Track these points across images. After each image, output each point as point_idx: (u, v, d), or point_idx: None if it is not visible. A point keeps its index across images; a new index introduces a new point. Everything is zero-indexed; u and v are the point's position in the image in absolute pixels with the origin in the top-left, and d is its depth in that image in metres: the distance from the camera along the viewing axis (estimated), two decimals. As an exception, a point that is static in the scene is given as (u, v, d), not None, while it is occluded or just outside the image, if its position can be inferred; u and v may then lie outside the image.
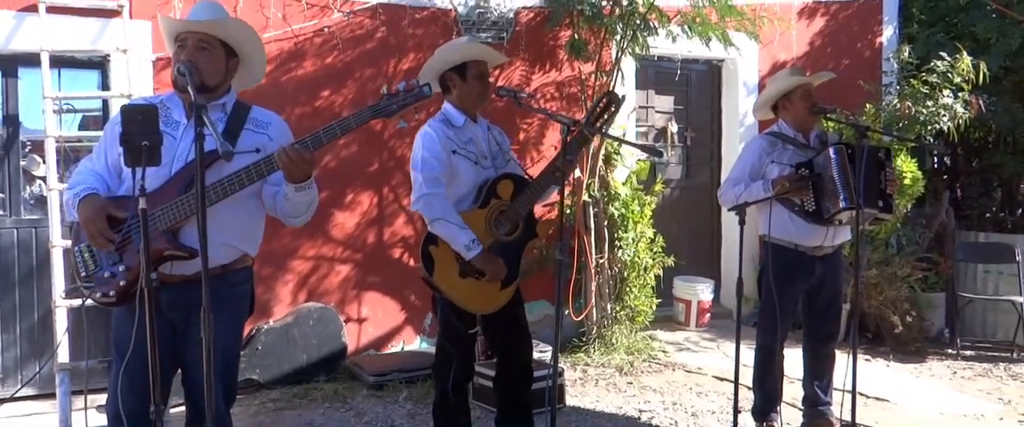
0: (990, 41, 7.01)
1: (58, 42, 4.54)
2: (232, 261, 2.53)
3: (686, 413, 4.51)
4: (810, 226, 3.75)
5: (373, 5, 5.42)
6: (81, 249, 2.37)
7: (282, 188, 2.48)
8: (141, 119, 1.99)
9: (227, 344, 2.51)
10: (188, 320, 2.28)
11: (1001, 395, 4.98)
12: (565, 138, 3.01)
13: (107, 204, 2.29)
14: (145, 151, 1.96)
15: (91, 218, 2.30)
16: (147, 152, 1.97)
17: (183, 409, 2.60)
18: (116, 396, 2.26)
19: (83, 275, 2.35)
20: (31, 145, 4.78)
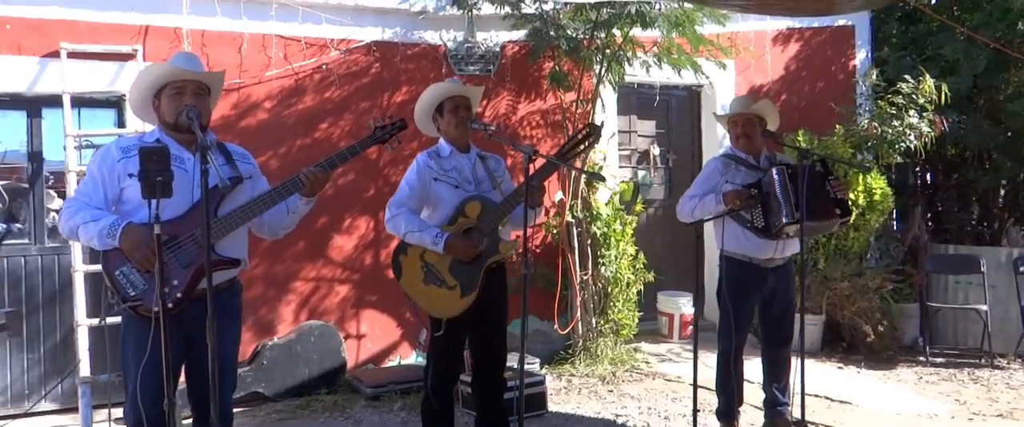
0: (958, 63, 7.38)
1: (78, 84, 4.98)
2: (238, 274, 2.94)
3: (660, 417, 4.85)
4: (761, 240, 4.11)
5: (368, 43, 5.84)
6: (124, 272, 2.72)
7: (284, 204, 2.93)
8: (156, 159, 2.39)
9: (233, 347, 2.95)
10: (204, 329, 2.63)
11: (959, 397, 5.30)
12: (526, 166, 3.38)
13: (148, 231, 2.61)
14: (159, 185, 2.36)
15: (138, 243, 2.66)
16: (160, 186, 2.37)
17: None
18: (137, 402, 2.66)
19: (133, 294, 2.71)
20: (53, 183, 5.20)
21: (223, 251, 2.83)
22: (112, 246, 2.69)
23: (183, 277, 2.70)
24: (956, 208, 8.66)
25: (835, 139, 6.77)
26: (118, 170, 2.80)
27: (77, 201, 2.85)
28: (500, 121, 6.20)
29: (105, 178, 2.81)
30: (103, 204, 2.81)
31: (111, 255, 2.71)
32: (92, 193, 2.83)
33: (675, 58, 6.01)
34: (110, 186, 2.81)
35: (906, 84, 6.63)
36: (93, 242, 2.73)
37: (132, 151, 2.76)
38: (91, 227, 2.72)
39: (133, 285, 2.69)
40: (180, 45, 5.29)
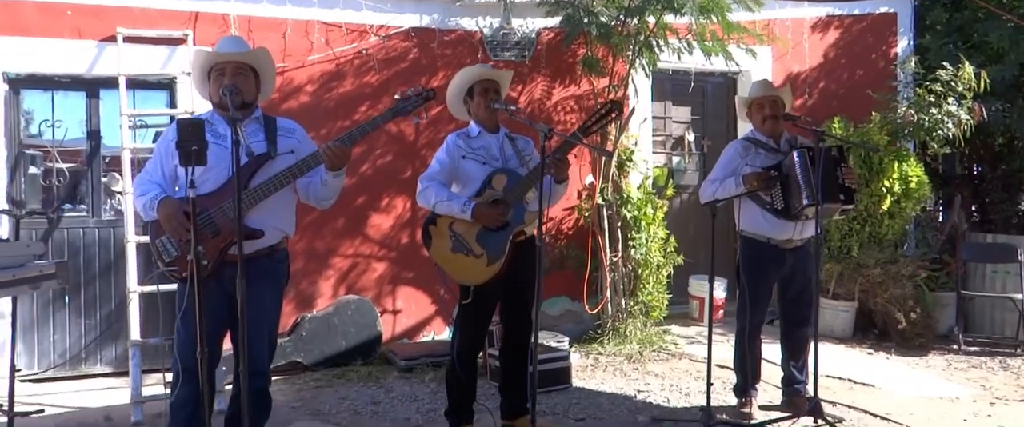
0: (1004, 50, 7.27)
1: (133, 67, 5.29)
2: (278, 242, 3.17)
3: (680, 393, 4.97)
4: (780, 221, 4.20)
5: (406, 29, 6.05)
6: (162, 241, 2.98)
7: (318, 176, 3.13)
8: (191, 130, 2.61)
9: (270, 312, 3.17)
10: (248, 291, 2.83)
11: (984, 383, 5.29)
12: (543, 142, 3.54)
13: (181, 204, 2.88)
14: (194, 154, 2.58)
15: (171, 216, 2.92)
16: (195, 154, 2.59)
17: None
18: (175, 354, 2.91)
19: (168, 261, 2.97)
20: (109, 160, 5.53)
21: (252, 222, 3.02)
22: (153, 217, 2.94)
23: (211, 245, 2.92)
24: (1002, 198, 8.54)
25: (871, 126, 6.76)
26: (172, 148, 3.04)
27: (142, 178, 3.15)
28: (535, 106, 6.35)
29: (163, 156, 3.09)
30: (163, 180, 3.09)
31: (154, 225, 2.97)
32: (153, 171, 3.14)
33: (706, 45, 6.08)
34: (167, 163, 3.09)
35: (944, 71, 6.58)
36: (143, 213, 3.00)
37: None
38: (140, 201, 3.02)
39: (168, 252, 2.94)
40: (228, 30, 5.56)
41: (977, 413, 4.60)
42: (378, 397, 4.90)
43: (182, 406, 2.97)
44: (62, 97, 5.45)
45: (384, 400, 4.84)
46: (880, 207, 6.66)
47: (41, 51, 5.19)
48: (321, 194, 3.26)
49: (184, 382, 2.91)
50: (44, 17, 5.21)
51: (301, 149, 3.25)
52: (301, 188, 3.27)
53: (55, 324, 5.34)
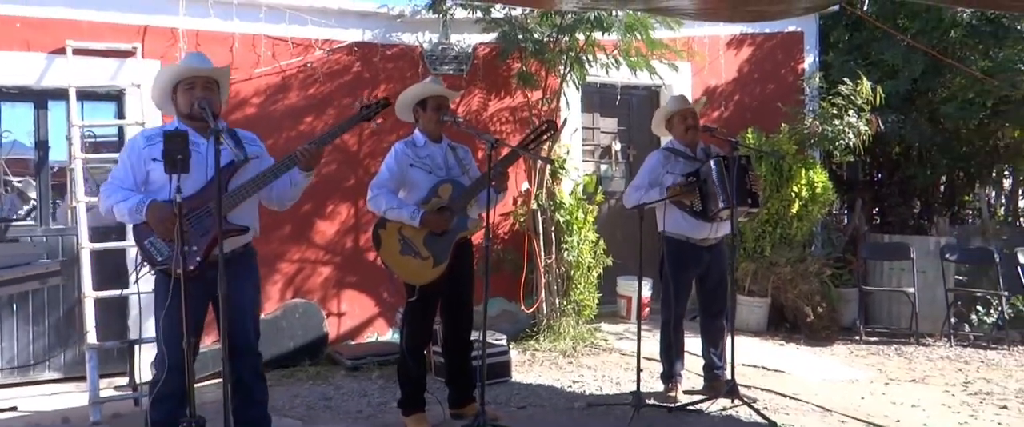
0: (898, 67, 8.00)
1: (82, 79, 5.42)
2: (251, 240, 3.44)
3: (612, 383, 5.39)
4: (698, 222, 4.66)
5: (349, 44, 6.33)
6: (152, 242, 3.21)
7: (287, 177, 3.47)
8: (177, 140, 2.88)
9: (254, 299, 3.51)
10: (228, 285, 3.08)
11: (881, 367, 5.89)
12: (490, 154, 3.90)
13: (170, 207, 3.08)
14: (179, 162, 2.85)
15: (161, 219, 3.14)
16: (180, 163, 2.86)
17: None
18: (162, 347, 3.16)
19: (160, 260, 3.20)
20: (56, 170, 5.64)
21: (234, 220, 3.32)
22: (140, 221, 3.18)
23: (201, 243, 3.19)
24: (899, 202, 9.31)
25: (781, 136, 7.36)
26: (144, 156, 3.30)
27: (111, 184, 3.35)
28: (472, 117, 6.70)
29: (134, 163, 3.31)
30: (133, 186, 3.30)
31: (140, 228, 3.21)
32: (124, 177, 3.33)
33: (632, 60, 6.55)
34: (138, 170, 3.31)
35: (845, 86, 7.23)
36: (125, 218, 3.23)
37: (156, 139, 3.28)
38: (122, 206, 3.22)
39: (159, 251, 3.18)
40: (176, 44, 5.75)
41: (873, 392, 5.17)
42: (329, 394, 5.16)
43: (166, 399, 3.20)
44: (9, 108, 5.53)
45: (335, 396, 5.11)
46: (790, 210, 7.26)
47: (-11, 63, 5.29)
48: (288, 195, 3.59)
49: (169, 373, 3.16)
50: (-8, 29, 5.31)
51: (263, 156, 3.56)
52: (267, 190, 3.55)
53: (3, 332, 5.41)
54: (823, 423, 4.46)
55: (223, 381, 3.06)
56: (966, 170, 9.12)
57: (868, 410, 4.70)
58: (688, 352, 5.19)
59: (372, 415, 4.68)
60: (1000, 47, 7.92)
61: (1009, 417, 4.62)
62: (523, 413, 4.68)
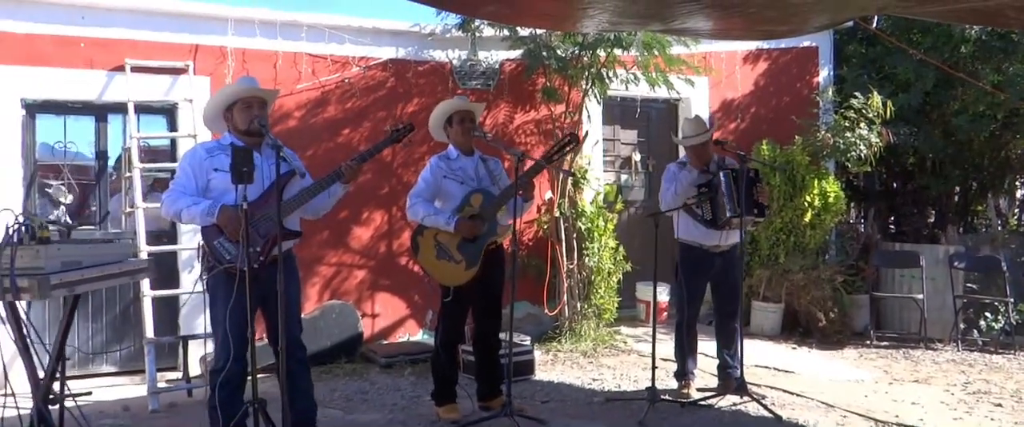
0: (910, 81, 8.27)
1: (139, 94, 5.87)
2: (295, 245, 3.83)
3: (630, 381, 5.72)
4: (708, 230, 5.00)
5: (384, 61, 6.74)
6: (220, 242, 3.59)
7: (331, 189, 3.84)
8: (244, 155, 3.28)
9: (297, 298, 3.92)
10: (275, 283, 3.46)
11: (887, 369, 6.17)
12: (517, 166, 4.27)
13: (238, 211, 3.47)
14: (245, 174, 3.25)
15: (229, 220, 3.53)
16: (247, 174, 3.25)
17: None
18: (227, 337, 3.55)
19: (228, 258, 3.57)
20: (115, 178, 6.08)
21: (289, 225, 3.70)
22: (210, 222, 3.58)
23: (262, 244, 3.58)
24: (913, 211, 9.56)
25: (795, 148, 7.66)
26: (206, 165, 3.69)
27: (175, 191, 3.73)
28: (499, 129, 7.08)
29: (196, 171, 3.71)
30: (195, 192, 3.70)
31: (210, 229, 3.61)
32: (186, 184, 3.72)
33: (651, 76, 6.90)
34: (200, 178, 3.70)
35: (856, 100, 7.52)
36: (195, 220, 3.63)
37: (215, 151, 3.69)
38: (193, 209, 3.61)
39: (227, 251, 3.58)
40: (225, 62, 6.19)
41: (876, 391, 5.46)
42: (365, 388, 5.55)
43: (228, 382, 3.58)
44: (73, 121, 5.99)
45: (371, 390, 5.49)
46: (803, 219, 7.56)
47: (55, 79, 5.74)
48: (324, 205, 3.97)
49: (234, 361, 3.55)
50: (59, 49, 5.77)
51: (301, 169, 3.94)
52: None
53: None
54: (826, 418, 4.77)
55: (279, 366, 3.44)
56: (979, 181, 9.36)
57: (869, 406, 5.00)
58: (703, 353, 5.52)
59: (406, 407, 5.05)
60: (1010, 61, 8.16)
61: (1002, 414, 4.90)
62: (546, 406, 5.03)
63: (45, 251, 2.77)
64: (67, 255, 2.93)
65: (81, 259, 3.01)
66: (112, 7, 5.92)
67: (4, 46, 5.58)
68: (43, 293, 2.69)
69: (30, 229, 2.77)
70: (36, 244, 2.77)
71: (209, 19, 6.17)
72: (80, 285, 2.97)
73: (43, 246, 2.78)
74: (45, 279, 2.70)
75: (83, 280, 2.97)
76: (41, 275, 2.71)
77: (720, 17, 4.84)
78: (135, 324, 5.86)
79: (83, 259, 3.02)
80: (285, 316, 3.38)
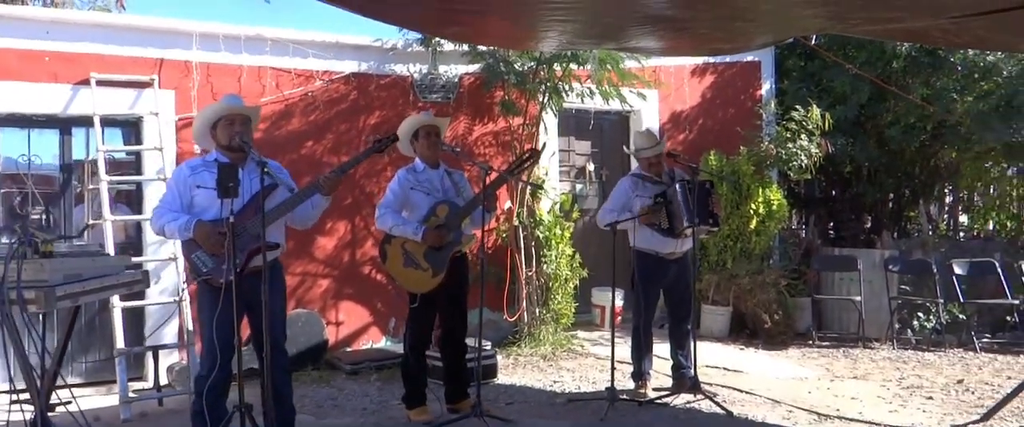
0: (846, 94, 8.75)
1: (104, 107, 5.93)
2: (279, 255, 3.99)
3: (589, 382, 5.99)
4: (665, 238, 5.29)
5: (347, 74, 6.90)
6: (198, 255, 3.74)
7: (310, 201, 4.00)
8: (228, 171, 3.44)
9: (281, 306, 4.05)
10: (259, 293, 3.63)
11: (829, 367, 6.56)
12: (483, 178, 4.50)
13: (213, 225, 3.67)
14: (231, 189, 3.41)
15: (208, 234, 3.69)
16: (232, 189, 3.42)
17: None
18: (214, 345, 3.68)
19: (205, 271, 3.73)
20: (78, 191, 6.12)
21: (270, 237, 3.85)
22: (188, 237, 3.73)
23: (241, 257, 3.74)
24: (851, 217, 10.07)
25: (740, 158, 8.05)
26: (189, 183, 3.84)
27: (162, 208, 3.90)
28: (459, 141, 7.29)
29: (180, 189, 3.86)
30: (179, 208, 3.85)
31: (188, 243, 3.76)
32: (171, 201, 3.88)
33: (604, 89, 7.20)
34: (184, 195, 3.86)
35: (797, 112, 7.94)
36: (175, 235, 3.78)
37: (199, 168, 3.85)
38: (173, 225, 3.77)
39: (204, 263, 3.73)
40: (190, 76, 6.28)
41: (819, 387, 5.83)
42: (333, 394, 5.70)
43: (214, 388, 3.73)
44: (37, 134, 6.02)
45: (339, 397, 5.65)
46: (749, 226, 7.95)
47: (20, 93, 5.77)
48: (309, 216, 4.13)
49: (220, 368, 3.69)
50: (23, 63, 5.80)
51: (287, 181, 4.12)
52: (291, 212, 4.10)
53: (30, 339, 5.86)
54: (773, 412, 5.10)
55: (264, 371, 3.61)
56: (911, 188, 9.91)
57: (813, 402, 5.36)
58: (657, 355, 5.82)
59: (376, 411, 5.23)
60: (937, 77, 8.71)
61: (933, 406, 5.29)
62: (511, 408, 5.25)
63: (49, 264, 2.91)
64: (69, 268, 3.06)
65: (81, 272, 3.14)
66: (78, 21, 6.01)
67: (-32, 60, 5.60)
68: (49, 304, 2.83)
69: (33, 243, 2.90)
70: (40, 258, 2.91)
71: (174, 33, 6.26)
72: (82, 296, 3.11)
73: (47, 259, 2.91)
74: (51, 291, 2.84)
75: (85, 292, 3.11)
76: (47, 287, 2.85)
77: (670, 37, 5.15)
78: (101, 335, 5.91)
79: (83, 271, 3.16)
80: (269, 325, 3.54)
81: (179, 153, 6.19)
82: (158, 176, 6.01)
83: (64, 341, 3.43)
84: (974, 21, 4.41)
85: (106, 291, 3.33)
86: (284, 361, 4.07)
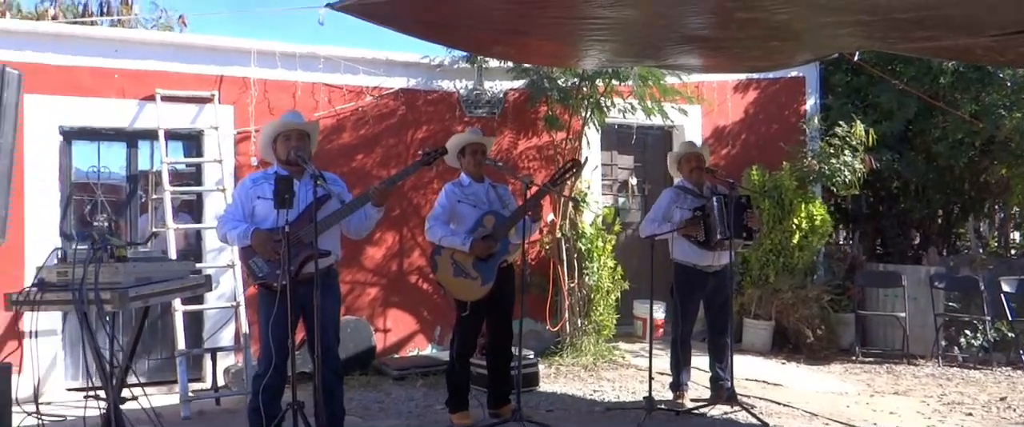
0: (893, 110, 8.72)
1: (168, 122, 6.27)
2: (334, 262, 4.21)
3: (628, 392, 6.10)
4: (702, 251, 5.40)
5: (396, 90, 7.16)
6: (254, 261, 3.99)
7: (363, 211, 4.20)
8: (285, 182, 3.68)
9: (334, 312, 4.25)
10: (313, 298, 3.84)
11: (870, 382, 6.56)
12: (525, 191, 4.68)
13: (269, 234, 3.92)
14: (287, 200, 3.65)
15: (264, 241, 3.94)
16: (288, 200, 3.65)
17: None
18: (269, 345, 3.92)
19: (260, 276, 3.98)
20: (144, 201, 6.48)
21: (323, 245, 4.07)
22: (247, 244, 3.99)
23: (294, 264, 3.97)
24: (898, 233, 9.99)
25: (783, 174, 8.09)
26: (250, 194, 4.11)
27: (225, 217, 4.20)
28: (503, 155, 7.49)
29: (243, 200, 4.15)
30: (242, 217, 4.12)
31: (246, 250, 4.02)
32: (234, 210, 4.18)
33: (646, 105, 7.33)
34: (246, 205, 4.13)
35: (840, 128, 7.97)
36: (235, 242, 4.05)
37: (260, 181, 4.12)
38: (233, 232, 4.05)
39: (260, 268, 3.98)
40: (248, 92, 6.60)
41: (858, 402, 5.85)
42: (380, 398, 5.91)
43: (269, 389, 3.97)
44: (106, 147, 6.39)
45: (386, 401, 5.86)
46: (791, 241, 7.97)
47: (91, 108, 6.15)
48: (363, 226, 4.34)
49: (275, 369, 3.93)
50: (95, 80, 6.17)
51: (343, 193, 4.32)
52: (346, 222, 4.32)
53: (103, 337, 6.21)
54: (809, 425, 5.16)
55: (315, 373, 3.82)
56: (961, 204, 9.80)
57: (850, 415, 5.40)
58: (696, 367, 5.91)
59: (420, 415, 5.42)
60: (986, 92, 8.63)
61: (972, 422, 5.29)
62: (551, 415, 5.39)
63: (123, 268, 3.17)
64: (140, 272, 3.32)
65: (151, 275, 3.41)
66: (145, 41, 6.37)
67: (45, 77, 5.96)
68: (123, 304, 3.08)
69: (110, 248, 3.17)
70: (115, 262, 3.17)
71: (234, 52, 6.59)
72: (151, 298, 3.36)
73: (121, 263, 3.17)
74: (124, 293, 3.09)
75: (154, 294, 3.37)
76: (120, 289, 3.10)
77: (707, 55, 5.30)
78: (163, 337, 6.23)
79: (152, 275, 3.42)
80: (320, 329, 3.76)
81: (237, 165, 6.51)
82: (217, 187, 6.32)
83: (135, 338, 3.70)
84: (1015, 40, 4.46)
85: (172, 294, 3.59)
86: (335, 364, 4.28)
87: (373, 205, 4.24)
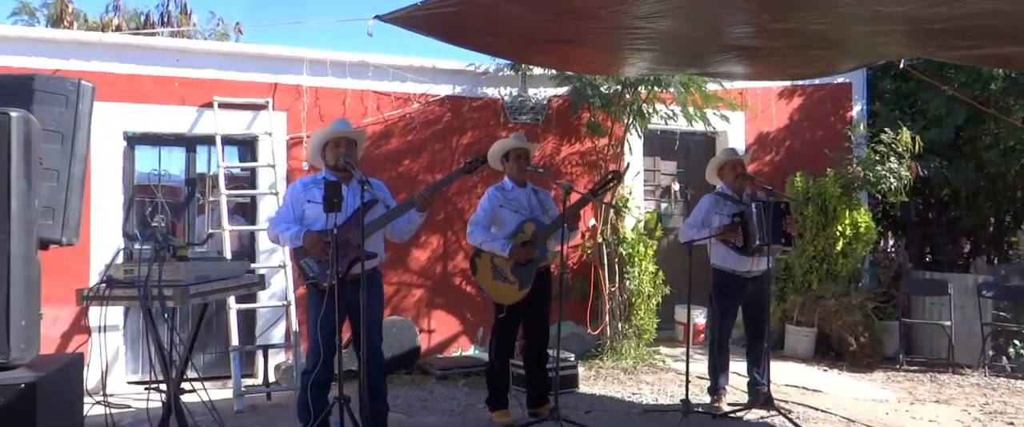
0: (941, 116, 8.63)
1: (225, 128, 6.55)
2: (379, 264, 4.40)
3: (667, 396, 6.18)
4: (741, 257, 5.46)
5: (442, 97, 7.35)
6: (306, 261, 4.21)
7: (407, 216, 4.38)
8: (334, 188, 3.88)
9: (379, 312, 4.45)
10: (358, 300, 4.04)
11: (912, 391, 6.52)
12: (565, 198, 4.82)
13: (320, 235, 4.13)
14: (335, 204, 3.84)
15: (316, 242, 4.15)
16: (336, 205, 3.85)
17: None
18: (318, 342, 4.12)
19: (310, 275, 4.19)
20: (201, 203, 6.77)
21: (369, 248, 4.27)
22: (298, 245, 4.20)
23: (342, 265, 4.17)
24: (947, 241, 9.85)
25: (827, 180, 8.08)
26: (301, 198, 4.32)
27: (277, 218, 4.43)
28: (546, 160, 7.63)
29: (294, 203, 4.37)
30: (292, 219, 4.34)
31: (297, 250, 4.23)
32: (285, 213, 4.40)
33: (689, 112, 7.40)
34: (296, 208, 4.35)
35: (886, 135, 7.92)
36: (287, 243, 4.27)
37: (310, 185, 4.33)
38: (286, 234, 4.27)
39: (311, 269, 4.18)
40: (300, 99, 6.85)
41: (897, 410, 5.84)
42: (424, 396, 6.09)
43: (317, 383, 4.17)
44: (166, 152, 6.69)
45: (429, 398, 6.03)
46: (835, 248, 7.95)
47: (152, 115, 6.45)
48: (406, 230, 4.53)
49: (323, 365, 4.13)
50: (156, 88, 6.48)
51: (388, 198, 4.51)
52: (390, 226, 4.51)
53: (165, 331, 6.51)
54: (847, 431, 5.19)
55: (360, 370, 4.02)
56: (1012, 213, 9.63)
57: (888, 422, 5.40)
58: (735, 372, 5.96)
59: (462, 413, 5.59)
60: (1038, 99, 8.48)
61: (1013, 432, 5.27)
62: (589, 416, 5.50)
63: (184, 267, 3.39)
64: (200, 270, 3.55)
65: (210, 274, 3.63)
66: (203, 50, 6.66)
67: (110, 85, 6.27)
68: (184, 300, 3.30)
69: (172, 248, 3.39)
70: (177, 261, 3.39)
71: (287, 60, 6.85)
72: (210, 295, 3.58)
73: (182, 262, 3.40)
74: (185, 290, 3.31)
75: (213, 291, 3.60)
76: (182, 286, 3.32)
77: (748, 63, 5.36)
78: (218, 334, 6.50)
79: (211, 274, 3.64)
80: (366, 327, 3.95)
81: (289, 169, 6.76)
82: (270, 190, 6.58)
83: (194, 333, 3.94)
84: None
85: (228, 291, 3.81)
86: (380, 361, 4.46)
87: (417, 210, 4.41)
